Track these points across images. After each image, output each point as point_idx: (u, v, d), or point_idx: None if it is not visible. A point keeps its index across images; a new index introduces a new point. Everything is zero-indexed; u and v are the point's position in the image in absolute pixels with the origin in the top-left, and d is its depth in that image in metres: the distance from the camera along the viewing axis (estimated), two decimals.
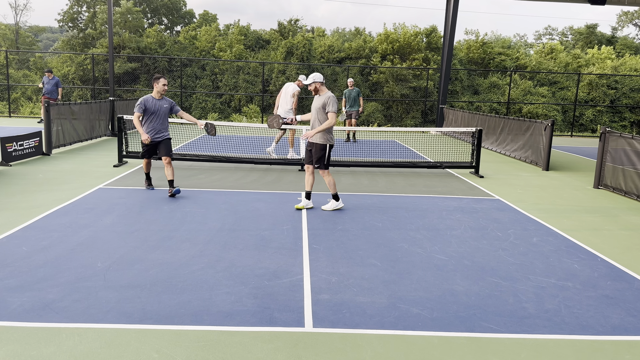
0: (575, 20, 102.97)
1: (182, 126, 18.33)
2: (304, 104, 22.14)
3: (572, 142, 18.80)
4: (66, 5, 34.13)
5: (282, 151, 12.25)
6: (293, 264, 5.07)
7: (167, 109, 7.81)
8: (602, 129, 9.83)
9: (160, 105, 7.73)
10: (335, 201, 7.23)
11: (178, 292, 4.33)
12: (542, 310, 4.25)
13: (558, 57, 25.96)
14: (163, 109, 7.76)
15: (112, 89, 17.06)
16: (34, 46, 33.35)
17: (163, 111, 7.77)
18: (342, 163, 10.67)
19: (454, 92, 23.65)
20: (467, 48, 25.27)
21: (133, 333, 3.63)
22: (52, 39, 60.27)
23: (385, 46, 23.94)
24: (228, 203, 7.46)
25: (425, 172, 10.80)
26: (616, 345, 3.74)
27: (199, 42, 24.96)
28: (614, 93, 24.10)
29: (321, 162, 7.04)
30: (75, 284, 4.42)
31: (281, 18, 45.50)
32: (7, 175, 8.92)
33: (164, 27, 37.03)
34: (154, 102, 7.69)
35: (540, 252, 5.74)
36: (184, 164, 10.67)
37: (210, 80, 23.58)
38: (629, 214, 7.76)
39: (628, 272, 5.22)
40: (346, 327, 3.84)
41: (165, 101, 7.80)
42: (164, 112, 7.79)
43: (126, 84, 23.61)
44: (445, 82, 19.46)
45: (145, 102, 7.64)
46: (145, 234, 5.88)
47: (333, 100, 6.84)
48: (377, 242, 5.87)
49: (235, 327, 3.77)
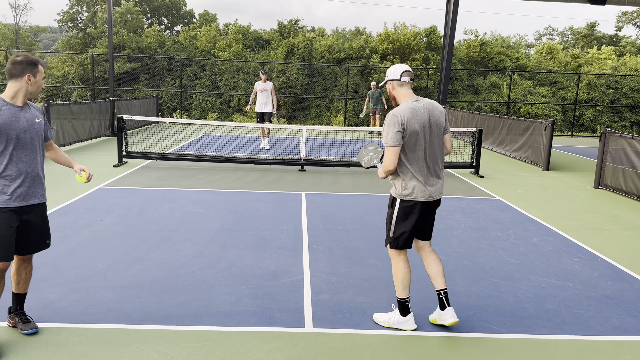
0: (576, 20, 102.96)
1: (182, 126, 18.34)
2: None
3: (572, 142, 18.79)
4: (66, 6, 34.12)
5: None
6: (293, 264, 5.07)
7: (39, 128, 3.48)
8: (602, 129, 9.83)
9: (26, 120, 3.39)
10: (399, 312, 3.87)
11: (178, 292, 4.33)
12: (542, 310, 4.25)
13: (557, 57, 25.96)
14: (35, 129, 3.44)
15: (112, 89, 17.06)
16: (33, 46, 33.37)
17: (34, 132, 3.44)
18: (342, 163, 10.67)
19: (454, 92, 23.64)
20: (467, 48, 25.27)
21: (133, 333, 3.62)
22: (52, 39, 60.29)
23: (386, 46, 23.94)
24: (228, 203, 7.46)
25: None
26: (616, 345, 3.74)
27: (199, 42, 24.96)
28: (614, 93, 24.10)
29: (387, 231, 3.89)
30: (75, 284, 4.42)
31: (282, 18, 45.55)
32: None
33: (164, 27, 37.04)
34: (10, 115, 3.32)
35: (540, 252, 5.74)
36: (183, 164, 10.67)
37: (210, 80, 23.58)
38: (629, 214, 7.76)
39: (628, 272, 5.22)
40: (346, 327, 3.84)
41: (34, 111, 3.49)
42: (37, 135, 3.46)
43: (126, 84, 23.60)
44: (446, 82, 19.45)
45: None
46: (145, 234, 5.88)
47: (443, 112, 3.79)
48: (377, 242, 5.86)
49: (235, 327, 3.76)
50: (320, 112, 23.29)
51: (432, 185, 3.69)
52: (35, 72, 3.39)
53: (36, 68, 3.40)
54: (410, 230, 3.74)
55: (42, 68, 3.45)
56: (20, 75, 3.35)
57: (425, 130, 3.62)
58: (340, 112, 22.73)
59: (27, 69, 3.36)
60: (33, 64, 3.39)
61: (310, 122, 22.88)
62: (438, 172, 3.74)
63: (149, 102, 19.00)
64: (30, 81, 3.39)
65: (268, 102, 12.65)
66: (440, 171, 3.76)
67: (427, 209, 3.76)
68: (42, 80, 3.46)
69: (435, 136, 3.67)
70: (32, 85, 3.40)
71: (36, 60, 3.42)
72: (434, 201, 3.78)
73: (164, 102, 22.98)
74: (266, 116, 12.73)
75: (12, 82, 3.38)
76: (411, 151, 3.63)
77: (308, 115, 23.37)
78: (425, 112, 3.65)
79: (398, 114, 3.59)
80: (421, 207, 3.71)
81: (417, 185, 3.65)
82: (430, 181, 3.68)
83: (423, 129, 3.61)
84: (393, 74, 3.75)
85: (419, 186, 3.65)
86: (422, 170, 3.65)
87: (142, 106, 18.01)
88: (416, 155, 3.64)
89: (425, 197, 3.68)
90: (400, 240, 3.76)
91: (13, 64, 3.35)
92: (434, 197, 3.72)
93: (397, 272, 3.82)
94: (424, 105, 3.68)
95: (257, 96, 12.76)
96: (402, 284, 3.81)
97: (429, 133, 3.65)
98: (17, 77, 3.36)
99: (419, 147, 3.63)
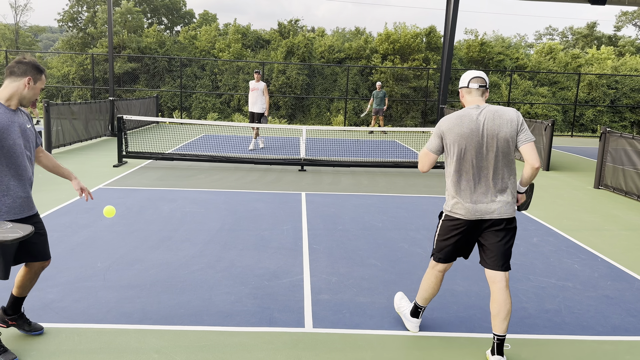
0: (576, 20, 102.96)
1: (182, 126, 18.33)
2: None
3: (573, 142, 18.79)
4: (66, 5, 34.13)
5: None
6: (293, 264, 5.07)
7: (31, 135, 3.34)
8: (602, 129, 9.83)
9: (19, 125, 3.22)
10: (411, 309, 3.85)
11: (178, 292, 4.33)
12: (542, 310, 4.25)
13: (557, 57, 25.96)
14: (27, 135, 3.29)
15: (112, 89, 17.06)
16: (33, 46, 33.36)
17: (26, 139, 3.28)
18: (342, 163, 10.67)
19: (454, 92, 23.65)
20: (467, 48, 25.28)
21: (133, 333, 3.62)
22: (52, 39, 60.28)
23: (387, 46, 23.94)
24: (228, 203, 7.45)
25: (424, 172, 10.78)
26: (616, 345, 3.74)
27: (199, 42, 24.96)
28: (614, 93, 24.09)
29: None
30: (75, 284, 4.42)
31: (281, 18, 45.56)
32: None
33: (164, 27, 37.04)
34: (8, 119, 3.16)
35: (540, 252, 5.74)
36: (183, 164, 10.67)
37: (210, 80, 23.58)
38: (629, 214, 7.76)
39: (628, 272, 5.22)
40: (346, 327, 3.84)
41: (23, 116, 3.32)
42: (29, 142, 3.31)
43: (126, 84, 23.60)
44: (446, 82, 19.46)
45: None
46: (145, 234, 5.88)
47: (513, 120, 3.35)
48: (377, 242, 5.86)
49: (235, 327, 3.76)
50: (320, 112, 23.29)
51: (483, 202, 3.30)
52: (37, 79, 3.23)
53: (40, 75, 3.24)
54: (453, 246, 3.46)
55: (44, 78, 3.30)
56: (20, 75, 3.18)
57: (473, 141, 3.26)
58: (340, 112, 22.73)
59: (29, 72, 3.20)
60: (38, 69, 3.24)
61: (310, 122, 22.88)
62: (494, 189, 3.30)
63: (149, 102, 19.00)
64: (29, 85, 3.19)
65: (257, 102, 12.38)
66: (498, 188, 3.30)
67: (478, 228, 3.36)
68: (40, 91, 3.29)
69: (491, 148, 3.26)
70: (29, 90, 3.20)
71: (42, 68, 3.26)
72: (492, 222, 3.32)
73: (164, 102, 22.98)
74: (256, 116, 12.49)
75: (10, 81, 3.18)
76: (456, 162, 3.33)
77: (308, 115, 23.37)
78: (478, 121, 3.28)
79: (442, 120, 3.40)
80: (469, 225, 3.36)
81: (460, 201, 3.34)
82: (481, 198, 3.30)
83: (469, 139, 3.27)
84: (462, 81, 3.49)
85: (462, 202, 3.33)
86: (468, 185, 3.31)
87: (142, 106, 18.00)
88: (461, 167, 3.32)
89: (469, 215, 3.32)
90: (441, 253, 3.52)
91: (17, 63, 3.20)
92: (485, 216, 3.30)
93: (425, 280, 3.65)
94: (483, 112, 3.31)
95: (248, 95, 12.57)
96: (424, 293, 3.65)
97: (480, 144, 3.26)
98: (17, 77, 3.18)
99: (463, 159, 3.30)
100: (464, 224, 3.36)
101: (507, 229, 3.33)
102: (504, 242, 3.33)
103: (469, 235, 3.42)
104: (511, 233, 3.36)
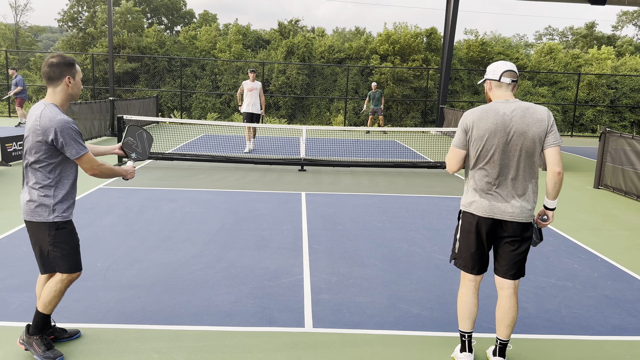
0: (576, 21, 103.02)
1: (182, 126, 18.33)
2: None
3: (572, 142, 18.79)
4: (66, 5, 34.14)
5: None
6: (293, 264, 5.07)
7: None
8: (602, 129, 9.83)
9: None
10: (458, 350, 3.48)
11: (178, 292, 4.33)
12: (542, 310, 4.25)
13: (557, 57, 25.97)
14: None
15: (112, 89, 17.06)
16: (33, 46, 33.36)
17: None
18: (342, 163, 10.67)
19: (454, 92, 23.65)
20: (467, 48, 25.28)
21: (133, 333, 3.62)
22: (52, 39, 60.28)
23: (387, 47, 23.94)
24: (228, 203, 7.46)
25: (425, 172, 10.80)
26: (616, 345, 3.74)
27: (199, 42, 24.96)
28: (613, 93, 24.10)
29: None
30: (75, 283, 4.41)
31: (282, 18, 45.56)
32: (7, 175, 8.92)
33: (164, 27, 37.04)
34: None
35: (540, 252, 5.74)
36: (183, 164, 10.67)
37: (210, 80, 23.58)
38: (629, 214, 7.76)
39: (628, 272, 5.22)
40: (346, 327, 3.84)
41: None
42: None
43: (126, 83, 23.61)
44: (446, 82, 19.46)
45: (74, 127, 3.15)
46: (144, 234, 5.88)
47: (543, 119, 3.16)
48: (377, 242, 5.87)
49: (235, 327, 3.77)
50: (320, 112, 23.29)
51: (499, 202, 3.14)
52: (74, 73, 3.20)
53: (74, 68, 3.20)
54: (475, 250, 3.25)
55: (79, 68, 3.25)
56: (59, 77, 3.15)
57: (497, 136, 3.09)
58: (340, 112, 22.73)
59: (65, 71, 3.16)
60: (70, 64, 3.18)
61: (310, 122, 22.88)
62: (512, 191, 3.14)
63: (149, 102, 19.01)
64: (70, 84, 3.19)
65: (256, 102, 12.17)
66: (517, 190, 3.14)
67: (494, 230, 3.21)
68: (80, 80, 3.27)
69: (516, 147, 3.09)
70: (73, 87, 3.21)
71: (73, 60, 3.20)
72: (507, 224, 3.17)
73: (164, 102, 22.98)
74: (254, 117, 12.30)
75: (54, 86, 3.17)
76: (478, 159, 3.16)
77: (308, 115, 23.37)
78: (506, 116, 3.09)
79: (466, 114, 3.21)
80: (484, 225, 3.19)
81: (478, 199, 3.19)
82: (498, 197, 3.14)
83: (494, 134, 3.09)
84: (492, 73, 3.21)
85: (481, 200, 3.18)
86: (489, 183, 3.15)
87: (142, 106, 18.01)
88: (482, 163, 3.15)
89: (487, 213, 3.15)
90: (462, 258, 3.32)
91: (50, 67, 3.13)
92: (498, 216, 3.14)
93: (459, 297, 3.38)
94: (512, 109, 3.11)
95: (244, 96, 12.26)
96: (460, 313, 3.36)
97: (505, 142, 3.09)
98: (57, 81, 3.16)
99: (486, 155, 3.13)
100: (483, 223, 3.19)
101: (524, 238, 3.20)
102: (518, 252, 3.22)
103: (488, 238, 3.23)
104: (527, 243, 3.23)
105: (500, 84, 3.21)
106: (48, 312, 3.29)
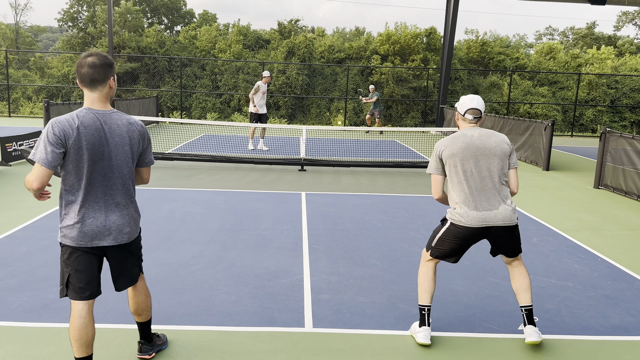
0: (576, 21, 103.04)
1: (182, 126, 18.34)
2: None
3: (573, 142, 18.80)
4: (66, 5, 34.14)
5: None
6: (293, 264, 5.07)
7: (127, 153, 2.86)
8: (602, 129, 9.83)
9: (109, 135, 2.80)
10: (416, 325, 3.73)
11: (178, 292, 4.33)
12: (542, 310, 4.25)
13: (557, 57, 25.97)
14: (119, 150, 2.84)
15: None
16: (34, 46, 33.38)
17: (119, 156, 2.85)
18: (342, 163, 10.67)
19: (454, 92, 23.64)
20: (467, 48, 25.28)
21: (133, 333, 3.62)
22: (52, 39, 60.27)
23: (387, 47, 23.94)
24: (228, 203, 7.46)
25: (425, 172, 10.78)
26: (616, 345, 3.74)
27: (199, 42, 24.96)
28: (614, 93, 24.10)
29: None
30: None
31: (282, 18, 45.59)
32: (7, 175, 8.91)
33: (164, 27, 37.04)
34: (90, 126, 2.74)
35: (540, 252, 5.74)
36: (184, 164, 10.67)
37: (210, 80, 23.59)
38: (629, 214, 7.76)
39: (628, 272, 5.22)
40: (346, 327, 3.84)
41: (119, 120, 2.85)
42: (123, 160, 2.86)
43: (126, 83, 23.61)
44: (446, 82, 19.46)
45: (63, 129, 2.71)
46: (145, 234, 5.87)
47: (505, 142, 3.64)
48: (377, 242, 5.87)
49: (235, 327, 3.77)
50: (320, 112, 23.29)
51: (487, 210, 3.45)
52: (114, 72, 2.88)
53: (114, 69, 2.87)
54: (450, 251, 3.58)
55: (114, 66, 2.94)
56: (104, 80, 2.80)
57: (469, 152, 3.47)
58: (340, 112, 22.74)
59: (109, 72, 2.82)
60: (112, 64, 2.85)
61: (310, 122, 22.88)
62: (498, 196, 3.47)
63: (149, 102, 19.01)
64: (113, 86, 2.87)
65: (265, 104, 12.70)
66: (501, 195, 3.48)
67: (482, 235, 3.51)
68: None
69: (489, 158, 3.47)
70: (113, 90, 2.89)
71: (112, 60, 2.88)
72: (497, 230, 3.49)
73: (164, 102, 22.99)
74: (263, 118, 12.65)
75: (101, 88, 2.81)
76: (456, 175, 3.50)
77: (308, 115, 23.37)
78: (474, 137, 3.51)
79: (438, 143, 3.60)
80: (472, 233, 3.48)
81: (465, 211, 3.46)
82: (485, 205, 3.45)
83: (466, 151, 3.47)
84: (460, 107, 3.63)
85: (467, 210, 3.45)
86: (468, 198, 3.46)
87: (142, 106, 18.01)
88: (462, 178, 3.48)
89: (474, 224, 3.45)
90: (436, 252, 3.62)
91: (93, 68, 2.75)
92: (490, 224, 3.45)
93: (420, 275, 3.71)
94: (479, 132, 3.54)
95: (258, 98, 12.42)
96: (421, 288, 3.66)
97: (477, 156, 3.47)
98: (102, 83, 2.79)
99: (464, 170, 3.47)
100: (469, 232, 3.48)
101: (514, 234, 3.58)
102: (514, 242, 3.60)
103: (470, 242, 3.56)
104: (517, 232, 3.60)
105: (464, 119, 3.64)
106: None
